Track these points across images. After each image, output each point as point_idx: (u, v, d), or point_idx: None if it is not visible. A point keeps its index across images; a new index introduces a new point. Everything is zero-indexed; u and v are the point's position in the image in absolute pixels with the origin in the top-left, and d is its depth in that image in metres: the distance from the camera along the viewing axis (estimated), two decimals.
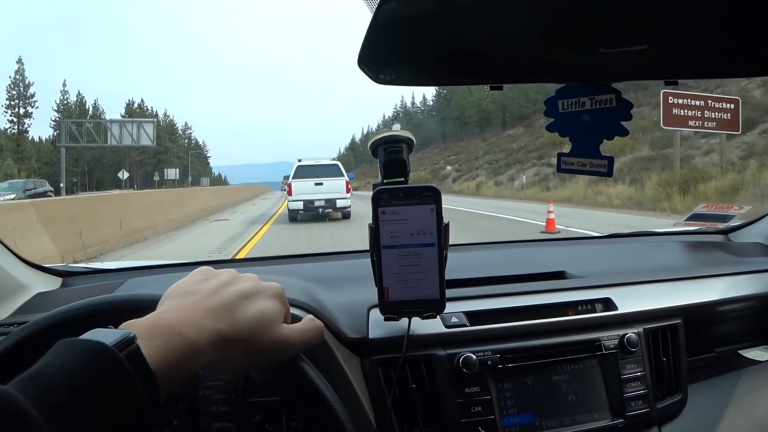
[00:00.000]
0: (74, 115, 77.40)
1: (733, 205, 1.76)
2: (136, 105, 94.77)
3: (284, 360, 0.69)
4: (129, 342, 0.53)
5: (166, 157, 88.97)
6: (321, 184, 16.88)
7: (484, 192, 36.18)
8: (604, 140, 0.73)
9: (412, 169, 0.98)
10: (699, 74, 0.65)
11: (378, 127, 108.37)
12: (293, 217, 17.12)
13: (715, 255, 1.56)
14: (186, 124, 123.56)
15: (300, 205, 16.81)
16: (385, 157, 0.97)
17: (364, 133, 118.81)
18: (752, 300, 1.35)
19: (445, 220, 0.93)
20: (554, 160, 0.78)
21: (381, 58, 0.61)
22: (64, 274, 1.39)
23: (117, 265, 1.50)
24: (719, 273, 1.37)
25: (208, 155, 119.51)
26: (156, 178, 67.41)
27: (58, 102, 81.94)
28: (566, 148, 0.77)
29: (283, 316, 0.70)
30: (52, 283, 1.34)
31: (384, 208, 0.92)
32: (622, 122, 0.73)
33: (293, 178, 17.28)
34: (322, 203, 16.76)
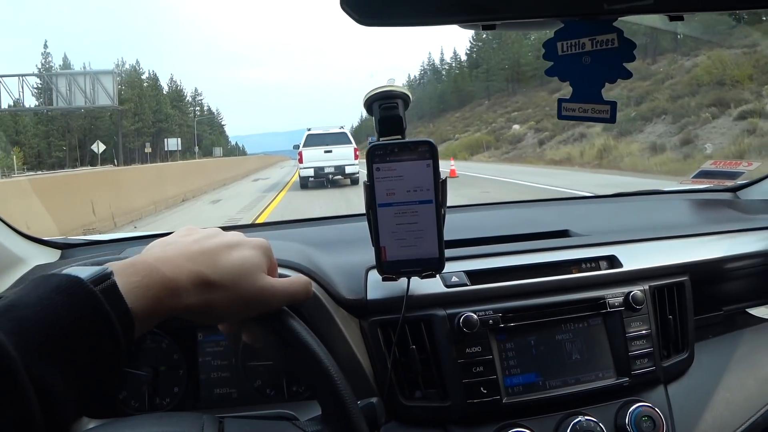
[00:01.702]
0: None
1: (742, 161, 1.72)
2: (126, 66, 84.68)
3: (269, 311, 0.68)
4: (105, 277, 0.53)
5: (167, 125, 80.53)
6: (330, 151, 17.45)
7: (634, 165, 19.83)
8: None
9: (458, 130, 0.95)
10: (706, 7, 0.61)
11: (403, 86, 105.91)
12: (304, 183, 17.76)
13: (723, 212, 1.53)
14: (196, 90, 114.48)
15: (311, 172, 17.38)
16: (380, 113, 0.94)
17: None
18: (760, 257, 1.32)
19: (442, 176, 0.90)
20: None
21: None
22: (63, 246, 1.38)
23: (115, 236, 1.49)
24: (726, 230, 1.34)
25: (222, 123, 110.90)
26: (147, 149, 59.45)
27: (39, 66, 75.53)
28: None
29: (266, 268, 0.68)
30: (50, 256, 1.33)
31: (379, 164, 0.89)
32: (624, 64, 0.69)
33: (303, 146, 17.90)
34: (332, 170, 17.25)
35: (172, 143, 51.04)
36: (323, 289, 1.01)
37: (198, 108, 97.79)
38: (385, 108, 0.93)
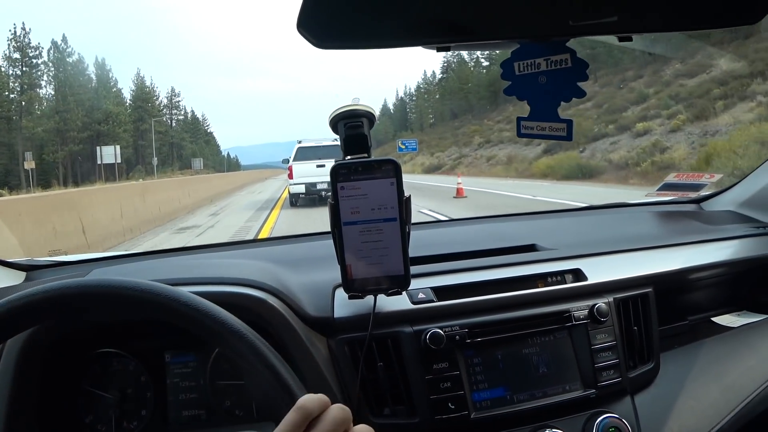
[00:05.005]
0: None
1: (705, 173, 1.76)
2: (27, 36, 54.12)
3: None
4: None
5: (108, 128, 57.60)
6: (323, 166, 15.77)
7: None
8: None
9: (604, 119, 0.92)
10: (653, 28, 0.63)
11: (418, 87, 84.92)
12: (294, 201, 16.51)
13: (687, 224, 1.56)
14: (173, 90, 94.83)
15: (302, 189, 16.07)
16: (345, 132, 0.95)
17: (399, 97, 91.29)
18: (723, 267, 1.35)
19: (406, 194, 0.91)
20: None
21: (323, 21, 0.59)
22: (28, 268, 1.35)
23: (81, 257, 1.47)
24: (690, 241, 1.37)
25: (209, 130, 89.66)
26: (29, 164, 38.87)
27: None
28: None
29: None
30: (15, 278, 1.31)
31: (343, 183, 0.90)
32: (578, 83, 0.71)
33: (294, 160, 16.53)
34: (325, 186, 15.64)
35: (108, 153, 36.76)
36: (289, 308, 1.01)
37: (176, 111, 75.70)
38: (350, 127, 0.94)
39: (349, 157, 0.94)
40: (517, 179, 24.19)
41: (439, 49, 0.63)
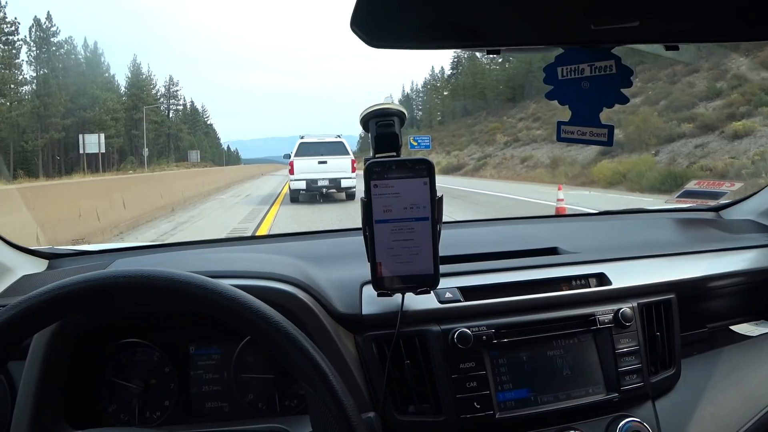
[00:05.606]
0: None
1: (725, 181, 1.76)
2: (2, 9, 46.35)
3: None
4: None
5: (95, 114, 52.08)
6: (325, 162, 15.73)
7: None
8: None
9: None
10: (700, 38, 0.64)
11: (425, 83, 79.40)
12: (294, 197, 16.06)
13: (707, 231, 1.56)
14: (171, 78, 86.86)
15: (302, 185, 15.73)
16: (376, 130, 0.95)
17: (405, 93, 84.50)
18: (743, 276, 1.35)
19: (438, 194, 0.92)
20: None
21: (377, 20, 0.59)
22: (50, 256, 1.36)
23: (103, 247, 1.48)
24: (711, 249, 1.37)
25: (207, 121, 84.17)
26: None
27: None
28: None
29: None
30: (38, 266, 1.32)
31: (376, 181, 0.91)
32: (622, 90, 0.72)
33: (295, 156, 16.13)
34: (326, 183, 15.67)
35: (91, 141, 33.46)
36: (318, 303, 1.01)
37: (175, 101, 69.63)
38: (382, 125, 0.95)
39: (379, 155, 0.95)
40: (582, 188, 18.38)
41: (489, 52, 0.64)
